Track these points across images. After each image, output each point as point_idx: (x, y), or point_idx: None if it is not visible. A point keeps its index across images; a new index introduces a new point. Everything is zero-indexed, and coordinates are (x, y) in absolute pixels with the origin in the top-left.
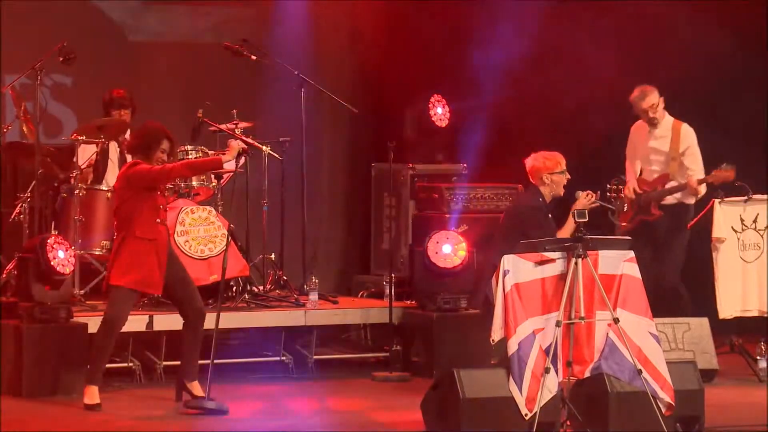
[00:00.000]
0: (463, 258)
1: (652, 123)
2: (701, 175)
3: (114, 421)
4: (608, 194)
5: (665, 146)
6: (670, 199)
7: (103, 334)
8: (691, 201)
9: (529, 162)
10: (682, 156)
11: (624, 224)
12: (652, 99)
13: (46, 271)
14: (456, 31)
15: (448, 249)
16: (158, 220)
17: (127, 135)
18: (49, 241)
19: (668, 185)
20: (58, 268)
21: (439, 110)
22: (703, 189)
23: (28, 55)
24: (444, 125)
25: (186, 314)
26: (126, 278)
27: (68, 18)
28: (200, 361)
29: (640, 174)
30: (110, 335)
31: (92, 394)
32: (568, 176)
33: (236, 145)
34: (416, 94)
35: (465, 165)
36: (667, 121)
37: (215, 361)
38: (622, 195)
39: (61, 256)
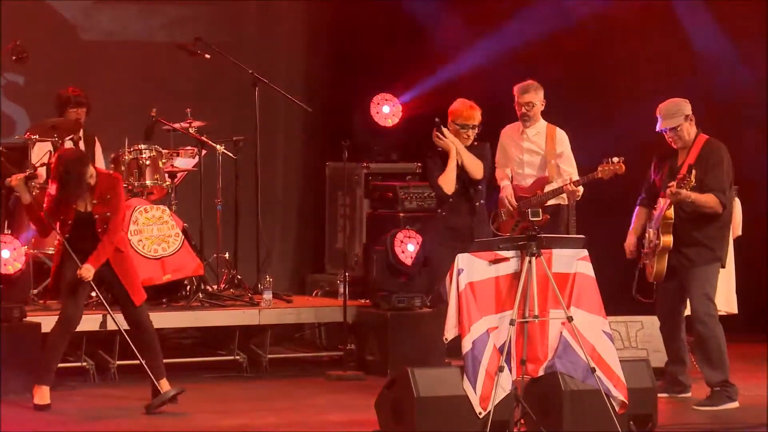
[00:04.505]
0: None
1: (528, 119)
2: (576, 177)
3: (67, 421)
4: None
5: (540, 148)
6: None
7: (59, 334)
8: (566, 202)
9: None
10: (558, 158)
11: (507, 234)
12: (540, 96)
13: None
14: (409, 29)
15: (412, 248)
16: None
17: (81, 134)
18: None
19: (547, 188)
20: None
21: (386, 109)
22: (581, 190)
23: None
24: (393, 124)
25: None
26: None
27: (20, 16)
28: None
29: (511, 180)
30: (65, 335)
31: (43, 394)
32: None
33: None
34: (368, 93)
35: (419, 164)
36: (541, 123)
37: (172, 360)
38: (502, 208)
39: (6, 256)
